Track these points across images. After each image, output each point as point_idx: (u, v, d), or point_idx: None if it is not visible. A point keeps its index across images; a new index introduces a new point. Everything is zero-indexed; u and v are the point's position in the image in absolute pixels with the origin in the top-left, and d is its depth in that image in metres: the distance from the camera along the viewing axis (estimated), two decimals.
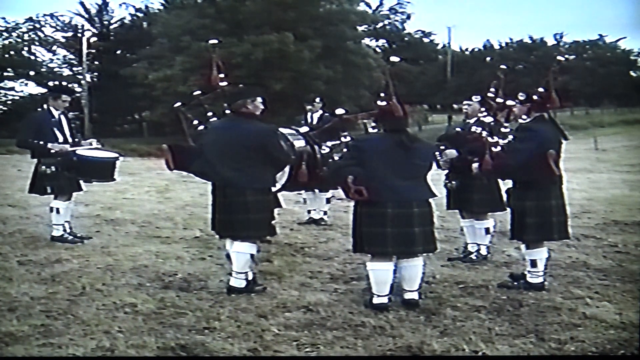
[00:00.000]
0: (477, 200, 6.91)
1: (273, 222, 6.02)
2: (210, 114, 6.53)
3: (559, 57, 6.22)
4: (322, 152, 6.87)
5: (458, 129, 7.13)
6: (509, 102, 6.02)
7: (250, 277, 5.88)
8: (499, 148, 5.89)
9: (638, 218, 9.76)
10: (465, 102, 7.14)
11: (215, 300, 5.57)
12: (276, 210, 6.86)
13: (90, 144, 7.91)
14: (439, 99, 55.85)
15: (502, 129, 6.09)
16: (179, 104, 6.71)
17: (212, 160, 5.79)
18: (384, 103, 5.39)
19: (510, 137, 5.96)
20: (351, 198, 5.40)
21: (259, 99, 5.91)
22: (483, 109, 6.67)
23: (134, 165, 20.20)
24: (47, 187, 7.66)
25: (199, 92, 6.80)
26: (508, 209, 6.18)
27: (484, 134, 6.09)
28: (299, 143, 6.47)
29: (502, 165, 5.80)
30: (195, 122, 6.52)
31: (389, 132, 5.43)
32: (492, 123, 6.26)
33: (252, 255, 5.83)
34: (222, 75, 6.35)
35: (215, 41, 6.61)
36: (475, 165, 6.16)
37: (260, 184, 5.75)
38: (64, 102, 7.78)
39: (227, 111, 6.06)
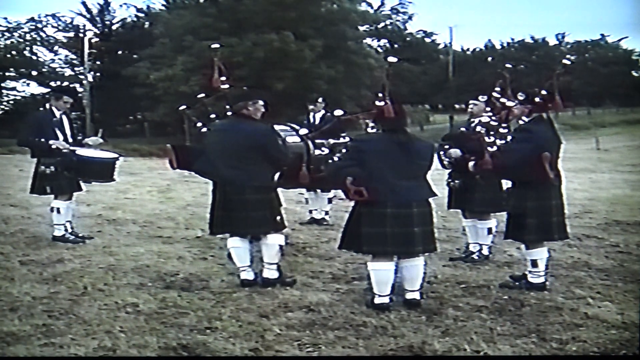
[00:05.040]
0: (479, 200, 6.90)
1: (278, 217, 6.04)
2: (213, 115, 6.59)
3: (564, 61, 6.20)
4: (322, 152, 6.90)
5: (463, 129, 7.12)
6: (509, 104, 6.01)
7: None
8: (495, 148, 5.89)
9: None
10: (471, 102, 7.13)
11: (217, 300, 5.57)
12: None
13: (96, 140, 7.93)
14: (441, 99, 55.84)
15: (501, 129, 6.09)
16: (184, 106, 6.77)
17: (214, 160, 5.95)
18: (382, 103, 5.39)
19: (509, 137, 5.96)
20: (351, 199, 5.40)
21: (260, 102, 6.06)
22: (488, 109, 6.66)
23: (135, 165, 20.22)
24: (46, 187, 7.66)
25: (202, 94, 6.91)
26: None
27: (484, 132, 6.09)
28: (292, 139, 6.52)
29: (497, 165, 5.80)
30: (199, 123, 6.56)
31: (388, 132, 5.42)
32: (492, 123, 6.25)
33: (281, 247, 6.03)
34: (223, 78, 6.44)
35: (217, 45, 6.70)
36: (472, 163, 6.15)
37: (259, 182, 5.87)
38: (66, 104, 7.78)
39: (229, 113, 6.18)
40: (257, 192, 5.86)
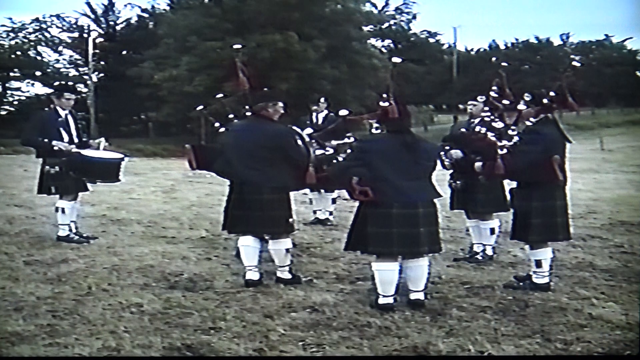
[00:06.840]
0: (481, 201, 6.91)
1: (290, 219, 6.06)
2: (231, 115, 6.58)
3: (574, 63, 6.17)
4: (326, 152, 6.91)
5: (463, 130, 7.13)
6: (519, 107, 5.97)
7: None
8: (505, 150, 5.88)
9: None
10: (470, 103, 7.16)
11: (221, 300, 5.57)
12: None
13: (99, 143, 7.91)
14: (445, 99, 55.85)
15: (510, 132, 6.07)
16: (201, 107, 6.76)
17: (232, 160, 5.99)
18: (386, 104, 5.39)
19: (517, 138, 5.95)
20: (356, 199, 5.41)
21: (280, 104, 6.10)
22: (487, 109, 6.66)
23: (139, 165, 20.25)
24: (51, 187, 7.66)
25: (221, 95, 6.92)
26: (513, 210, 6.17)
27: (490, 135, 6.07)
28: None
29: (507, 167, 5.79)
30: (217, 124, 6.55)
31: (393, 133, 5.43)
32: (501, 127, 6.23)
33: (287, 250, 6.08)
34: (246, 79, 6.46)
35: (240, 46, 6.71)
36: (478, 164, 6.15)
37: (276, 182, 5.91)
38: (68, 101, 7.77)
39: (249, 113, 6.21)
40: (274, 193, 5.90)
